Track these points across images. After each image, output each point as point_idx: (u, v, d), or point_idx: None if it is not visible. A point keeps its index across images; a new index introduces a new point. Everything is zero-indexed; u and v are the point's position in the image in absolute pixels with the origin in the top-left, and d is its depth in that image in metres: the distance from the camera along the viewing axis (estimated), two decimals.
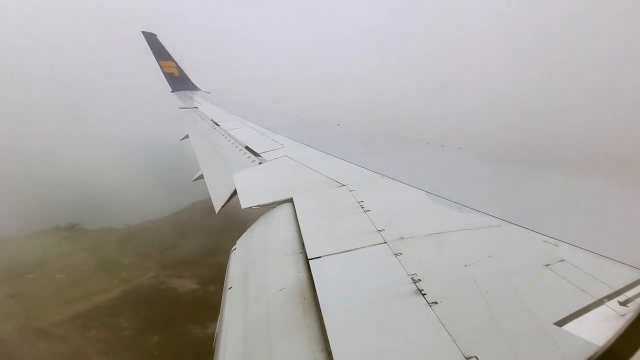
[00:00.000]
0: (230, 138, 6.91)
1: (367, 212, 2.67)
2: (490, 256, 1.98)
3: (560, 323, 1.49)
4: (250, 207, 3.23)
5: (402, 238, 2.24)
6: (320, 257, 2.14)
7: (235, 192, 3.83)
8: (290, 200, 3.14)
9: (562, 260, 1.89)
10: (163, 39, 15.86)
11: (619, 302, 1.57)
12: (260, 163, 4.77)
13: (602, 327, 1.48)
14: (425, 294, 1.70)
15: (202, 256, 16.54)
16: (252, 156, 5.21)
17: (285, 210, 3.02)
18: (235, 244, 2.85)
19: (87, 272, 15.98)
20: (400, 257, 2.03)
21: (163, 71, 16.05)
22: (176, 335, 12.06)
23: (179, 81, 16.33)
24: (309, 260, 2.12)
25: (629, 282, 1.69)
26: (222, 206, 3.93)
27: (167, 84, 16.41)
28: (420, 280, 1.80)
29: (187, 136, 9.57)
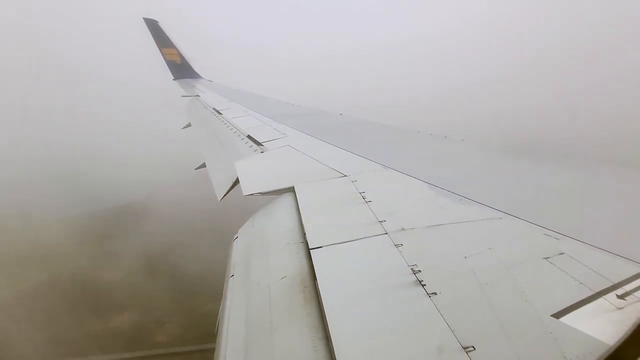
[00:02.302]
0: (233, 127, 6.89)
1: (369, 203, 2.68)
2: (490, 248, 1.99)
3: (558, 315, 1.51)
4: (252, 195, 3.24)
5: (403, 229, 2.25)
6: (321, 247, 2.16)
7: (237, 181, 3.85)
8: (292, 190, 3.15)
9: (562, 254, 1.89)
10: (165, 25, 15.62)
11: (616, 295, 1.58)
12: (262, 152, 4.77)
13: (599, 319, 1.50)
14: (424, 285, 1.72)
15: (146, 247, 15.69)
16: (254, 145, 5.20)
17: (286, 200, 3.04)
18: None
19: (11, 260, 15.15)
20: (400, 248, 2.05)
21: (165, 58, 15.90)
22: (70, 329, 11.42)
23: (181, 69, 16.18)
24: (310, 250, 2.14)
25: (628, 275, 1.70)
26: (224, 195, 3.94)
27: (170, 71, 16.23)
28: (420, 271, 1.82)
29: (189, 124, 9.54)
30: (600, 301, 1.57)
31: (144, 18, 15.27)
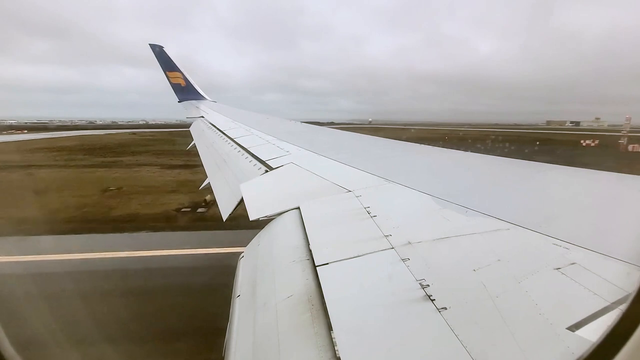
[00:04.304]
0: (236, 146, 6.98)
1: (374, 218, 2.66)
2: (499, 260, 1.96)
3: (574, 328, 1.46)
4: (258, 219, 3.22)
5: (410, 243, 2.23)
6: (327, 263, 2.14)
7: (242, 201, 3.86)
8: (297, 208, 3.15)
9: (574, 263, 1.85)
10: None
11: None
12: (266, 170, 4.80)
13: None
14: (434, 300, 1.68)
15: None
16: (258, 163, 5.25)
17: (292, 217, 3.03)
18: (242, 252, 2.86)
19: None
20: (407, 262, 2.02)
21: (170, 82, 16.39)
22: None
23: (185, 91, 16.65)
24: (317, 267, 2.12)
25: None
26: (229, 214, 3.95)
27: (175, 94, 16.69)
28: (428, 285, 1.79)
29: (193, 145, 9.71)
30: (616, 312, 1.52)
31: (149, 44, 15.81)
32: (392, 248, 2.20)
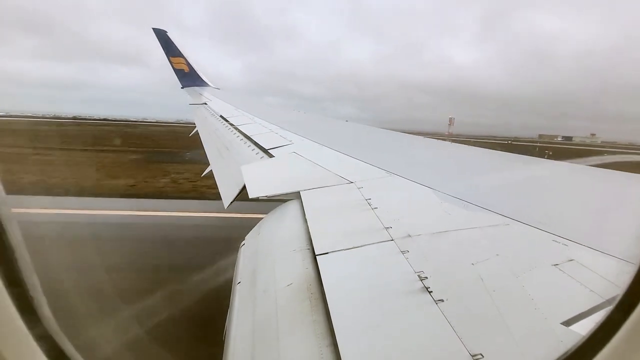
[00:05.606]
0: (239, 134, 6.97)
1: (375, 210, 2.68)
2: (497, 255, 1.97)
3: (569, 323, 1.48)
4: (258, 198, 3.24)
5: (409, 236, 2.24)
6: (327, 253, 2.17)
7: (244, 188, 3.88)
8: (298, 196, 3.16)
9: (571, 260, 1.87)
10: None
11: None
12: (268, 158, 4.81)
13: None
14: (431, 292, 1.71)
15: None
16: (261, 152, 5.25)
17: (293, 206, 3.05)
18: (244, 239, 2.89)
19: None
20: (407, 254, 2.04)
21: (173, 67, 16.26)
22: None
23: (188, 77, 16.50)
24: (317, 257, 2.14)
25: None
26: (231, 202, 3.98)
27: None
28: (426, 277, 1.81)
29: (196, 132, 9.69)
30: (608, 307, 1.54)
31: (153, 28, 15.63)
32: (392, 240, 2.21)
